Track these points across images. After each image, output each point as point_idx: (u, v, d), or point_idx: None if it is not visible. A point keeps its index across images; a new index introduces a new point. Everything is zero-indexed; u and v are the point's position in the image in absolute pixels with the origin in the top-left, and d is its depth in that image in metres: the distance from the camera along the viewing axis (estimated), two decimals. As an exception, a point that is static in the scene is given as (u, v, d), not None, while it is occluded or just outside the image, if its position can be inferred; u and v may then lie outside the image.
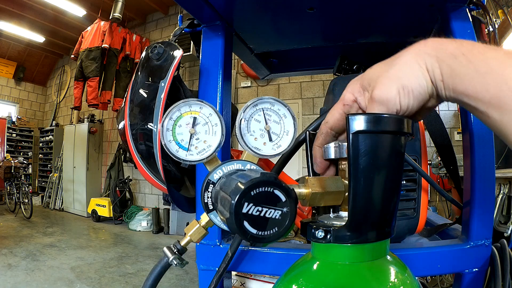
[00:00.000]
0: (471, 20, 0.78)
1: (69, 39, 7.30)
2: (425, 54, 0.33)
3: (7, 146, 7.97)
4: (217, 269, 0.69)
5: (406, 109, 0.34)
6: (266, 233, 0.31)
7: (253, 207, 0.30)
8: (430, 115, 0.88)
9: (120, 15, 5.39)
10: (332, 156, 0.39)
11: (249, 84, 5.33)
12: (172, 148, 0.39)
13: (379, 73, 0.35)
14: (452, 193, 2.32)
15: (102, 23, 5.60)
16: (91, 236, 5.14)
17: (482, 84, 0.29)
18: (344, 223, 0.36)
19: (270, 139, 0.43)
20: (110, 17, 5.41)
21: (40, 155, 8.51)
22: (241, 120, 0.42)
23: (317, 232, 0.36)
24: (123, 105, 0.80)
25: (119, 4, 5.34)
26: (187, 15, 0.87)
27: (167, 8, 6.43)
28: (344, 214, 0.40)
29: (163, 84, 0.72)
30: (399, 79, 0.33)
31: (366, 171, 0.34)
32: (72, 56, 5.89)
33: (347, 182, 0.37)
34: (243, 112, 0.42)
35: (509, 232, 2.13)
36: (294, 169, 4.44)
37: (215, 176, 0.40)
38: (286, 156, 0.70)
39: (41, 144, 8.43)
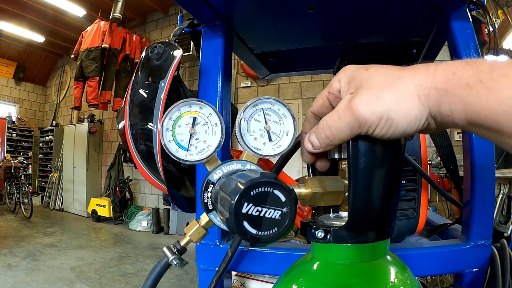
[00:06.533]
0: (471, 20, 0.78)
1: (69, 39, 7.30)
2: (431, 88, 0.29)
3: (7, 146, 7.97)
4: (217, 269, 0.69)
5: (381, 136, 0.31)
6: (266, 233, 0.31)
7: (253, 207, 0.30)
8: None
9: (120, 15, 5.39)
10: (333, 156, 0.39)
11: (249, 84, 5.33)
12: (172, 148, 0.39)
13: (373, 83, 0.31)
14: (452, 193, 2.32)
15: (102, 23, 5.60)
16: (91, 236, 5.14)
17: (508, 114, 0.24)
18: (344, 223, 0.36)
19: (270, 139, 0.43)
20: (110, 17, 5.40)
21: (40, 155, 8.50)
22: (241, 120, 0.42)
23: (317, 232, 0.36)
24: (123, 105, 0.80)
25: (119, 4, 5.34)
26: (187, 15, 0.87)
27: (167, 8, 6.42)
28: (344, 214, 0.40)
29: (163, 84, 0.72)
30: (388, 109, 0.30)
31: (366, 171, 0.34)
32: (72, 56, 5.89)
33: (347, 182, 0.37)
34: (243, 112, 0.42)
35: (509, 232, 2.13)
36: (294, 169, 4.44)
37: (215, 176, 0.40)
38: (286, 156, 0.70)
39: (41, 144, 8.43)
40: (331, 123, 0.33)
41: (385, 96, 0.30)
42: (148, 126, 0.72)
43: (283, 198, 0.31)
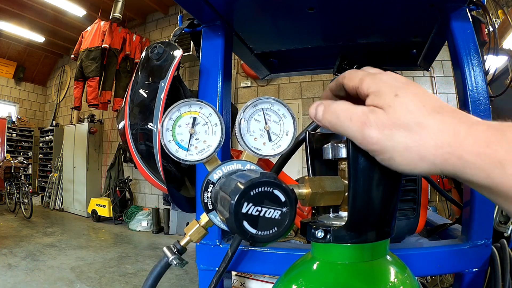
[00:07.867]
0: (471, 20, 0.78)
1: (69, 39, 7.30)
2: (453, 154, 0.26)
3: (7, 146, 7.96)
4: (217, 269, 0.69)
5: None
6: (265, 233, 0.31)
7: (253, 207, 0.30)
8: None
9: (120, 15, 5.39)
10: (332, 156, 0.39)
11: (249, 84, 5.33)
12: (172, 148, 0.39)
13: (394, 113, 0.29)
14: (452, 193, 2.31)
15: (102, 23, 5.60)
16: (91, 236, 5.14)
17: None
18: (343, 223, 0.36)
19: (270, 139, 0.43)
20: (110, 17, 5.40)
21: (40, 155, 8.50)
22: (240, 120, 0.42)
23: (317, 232, 0.36)
24: (123, 105, 0.80)
25: (119, 4, 5.34)
26: (187, 15, 0.87)
27: (167, 8, 6.42)
28: (344, 214, 0.40)
29: (163, 84, 0.72)
30: (393, 150, 0.29)
31: (365, 171, 0.34)
32: (72, 56, 5.89)
33: (347, 182, 0.37)
34: (243, 112, 0.42)
35: (509, 232, 2.13)
36: (294, 169, 4.44)
37: (215, 176, 0.40)
38: (286, 156, 0.70)
39: (41, 144, 8.43)
40: (341, 117, 0.31)
41: (397, 136, 0.28)
42: (148, 126, 0.73)
43: (283, 198, 0.31)
